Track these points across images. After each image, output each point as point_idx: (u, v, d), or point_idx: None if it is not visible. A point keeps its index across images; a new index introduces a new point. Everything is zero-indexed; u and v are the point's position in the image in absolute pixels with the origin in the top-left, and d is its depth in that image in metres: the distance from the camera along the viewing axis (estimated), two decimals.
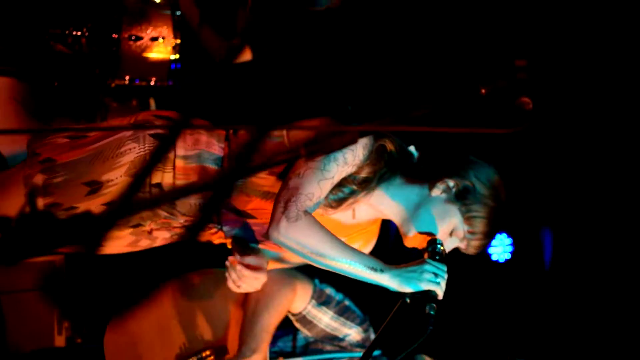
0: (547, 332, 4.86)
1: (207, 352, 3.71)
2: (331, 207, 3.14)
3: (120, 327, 3.73)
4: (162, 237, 3.27)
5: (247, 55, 4.85)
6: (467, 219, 3.09)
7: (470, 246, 3.15)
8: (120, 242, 3.23)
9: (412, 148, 3.24)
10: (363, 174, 3.09)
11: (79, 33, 4.93)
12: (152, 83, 5.07)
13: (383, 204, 3.18)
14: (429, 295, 2.94)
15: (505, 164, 3.13)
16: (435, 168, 3.16)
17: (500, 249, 5.18)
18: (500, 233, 5.23)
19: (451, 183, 3.12)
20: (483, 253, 5.13)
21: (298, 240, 2.91)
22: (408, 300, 2.95)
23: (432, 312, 2.92)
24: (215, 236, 3.26)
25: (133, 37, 4.90)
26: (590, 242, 4.92)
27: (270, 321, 3.71)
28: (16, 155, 3.58)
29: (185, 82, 5.03)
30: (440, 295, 2.97)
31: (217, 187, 2.83)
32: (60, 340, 4.51)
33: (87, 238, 2.03)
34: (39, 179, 2.98)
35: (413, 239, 3.15)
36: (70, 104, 4.78)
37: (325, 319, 3.98)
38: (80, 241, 2.29)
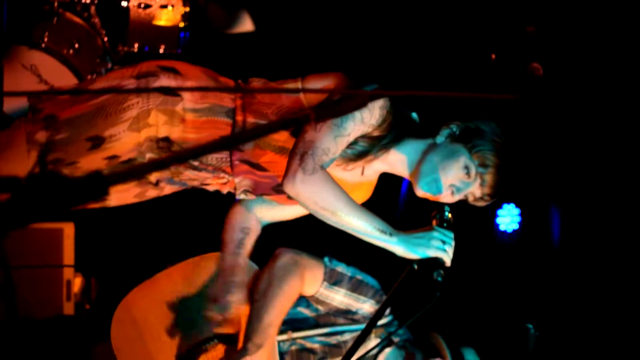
0: (555, 299, 4.86)
1: (216, 341, 3.68)
2: (350, 161, 3.13)
3: (126, 318, 3.70)
4: (170, 187, 3.25)
5: (248, 26, 4.84)
6: (475, 153, 3.07)
7: (485, 184, 3.10)
8: (127, 195, 3.19)
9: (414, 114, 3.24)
10: (376, 133, 3.09)
11: (87, 0, 4.93)
12: (161, 51, 5.06)
13: (396, 160, 3.18)
14: (437, 262, 2.94)
15: (515, 133, 3.13)
16: (437, 124, 3.17)
17: (509, 219, 5.19)
18: (509, 204, 5.23)
19: (454, 126, 3.12)
20: (491, 222, 5.18)
21: (312, 193, 2.90)
22: (416, 267, 2.94)
23: (439, 279, 2.91)
24: (225, 186, 3.24)
25: (142, 5, 4.89)
26: (598, 214, 4.91)
27: (276, 315, 3.65)
28: (19, 110, 3.56)
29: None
30: (448, 262, 2.97)
31: (230, 143, 2.83)
32: (69, 307, 4.53)
33: (93, 192, 2.03)
34: (41, 136, 2.94)
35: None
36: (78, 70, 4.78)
37: (339, 297, 3.95)
38: (87, 195, 2.28)
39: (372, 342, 3.98)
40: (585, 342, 4.72)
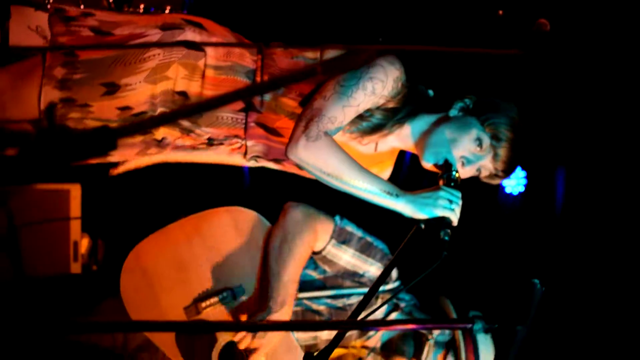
0: (561, 259, 4.87)
1: (225, 294, 3.69)
2: (365, 134, 3.13)
3: (136, 268, 3.71)
4: (174, 145, 3.25)
5: None
6: (488, 125, 3.07)
7: (498, 158, 3.10)
8: (131, 150, 3.22)
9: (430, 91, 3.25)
10: (391, 105, 3.08)
11: None
12: (166, 11, 5.04)
13: (408, 134, 3.17)
14: (444, 221, 2.94)
15: (521, 92, 3.12)
16: (451, 98, 3.17)
17: (514, 181, 5.19)
18: None
19: (467, 100, 3.13)
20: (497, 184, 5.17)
21: (315, 160, 2.91)
22: (423, 226, 2.95)
23: (446, 238, 2.92)
24: (235, 150, 3.24)
25: None
26: (604, 177, 4.91)
27: (294, 271, 3.66)
28: None
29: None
30: (455, 222, 2.97)
31: (244, 98, 2.82)
32: (76, 268, 4.54)
33: (100, 142, 2.04)
34: (58, 72, 2.96)
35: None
36: None
37: (346, 257, 3.96)
38: (94, 147, 2.30)
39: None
40: (592, 298, 4.74)
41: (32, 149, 2.83)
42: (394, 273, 4.16)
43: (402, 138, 3.19)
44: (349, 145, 3.17)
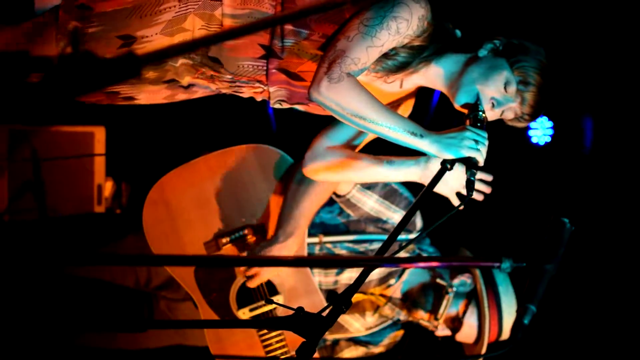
0: (586, 203, 4.84)
1: (246, 232, 3.70)
2: (391, 72, 3.09)
3: (159, 200, 3.73)
4: (202, 91, 3.24)
5: None
6: (517, 69, 3.03)
7: (525, 103, 3.07)
8: (156, 95, 3.20)
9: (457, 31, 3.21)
10: (417, 43, 3.05)
11: None
12: None
13: (436, 73, 3.14)
14: (470, 161, 2.92)
15: (550, 35, 3.07)
16: (480, 39, 3.14)
17: (540, 132, 5.14)
18: (541, 116, 5.19)
19: (497, 41, 3.09)
20: (523, 133, 5.13)
21: (337, 101, 2.88)
22: (449, 167, 2.92)
23: (472, 178, 2.90)
24: (259, 94, 3.23)
25: None
26: (632, 127, 4.86)
27: (309, 206, 3.67)
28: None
29: None
30: (481, 162, 2.94)
31: (270, 24, 2.79)
32: (99, 211, 4.57)
33: (125, 71, 2.01)
34: (73, 26, 2.96)
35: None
36: None
37: (370, 203, 3.96)
38: (118, 74, 2.28)
39: (401, 255, 3.99)
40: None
41: (55, 74, 2.82)
42: (419, 223, 4.16)
43: (429, 77, 3.15)
44: (373, 85, 3.14)
